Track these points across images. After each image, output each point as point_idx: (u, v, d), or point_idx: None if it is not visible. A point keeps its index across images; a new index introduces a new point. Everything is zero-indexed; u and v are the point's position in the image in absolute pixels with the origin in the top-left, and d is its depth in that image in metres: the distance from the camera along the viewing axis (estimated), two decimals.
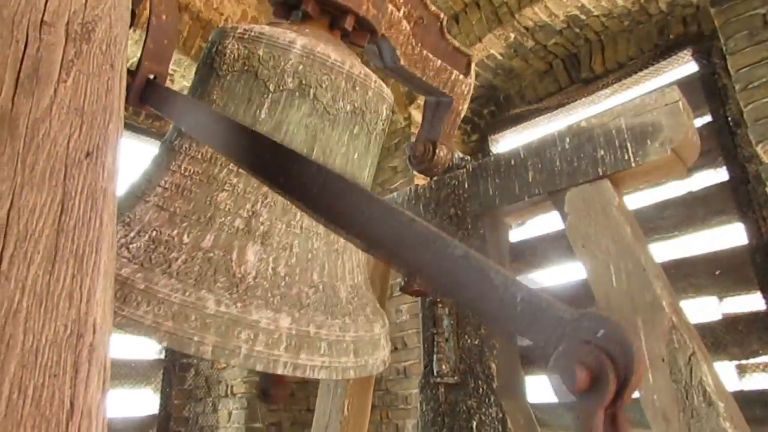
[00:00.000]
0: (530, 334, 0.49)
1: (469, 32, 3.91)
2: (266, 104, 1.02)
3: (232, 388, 3.94)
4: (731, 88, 2.60)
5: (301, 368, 0.81)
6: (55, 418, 0.37)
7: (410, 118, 4.19)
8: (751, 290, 2.76)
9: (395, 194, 1.88)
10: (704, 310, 3.04)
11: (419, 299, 1.65)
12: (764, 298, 2.68)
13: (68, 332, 0.39)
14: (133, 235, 0.85)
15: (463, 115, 1.62)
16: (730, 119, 2.84)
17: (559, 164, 1.41)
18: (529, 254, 3.71)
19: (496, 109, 4.45)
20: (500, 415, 1.36)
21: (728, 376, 2.95)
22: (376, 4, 1.21)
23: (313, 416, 1.89)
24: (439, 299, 1.56)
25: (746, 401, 2.43)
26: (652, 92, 1.33)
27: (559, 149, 1.42)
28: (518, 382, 1.50)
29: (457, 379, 1.46)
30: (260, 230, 0.91)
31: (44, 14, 0.44)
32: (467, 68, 1.57)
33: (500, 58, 4.03)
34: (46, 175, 0.42)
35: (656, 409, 1.12)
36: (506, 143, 4.38)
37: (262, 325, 0.79)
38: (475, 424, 1.40)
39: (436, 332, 1.53)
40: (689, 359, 1.10)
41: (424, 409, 1.53)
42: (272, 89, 1.02)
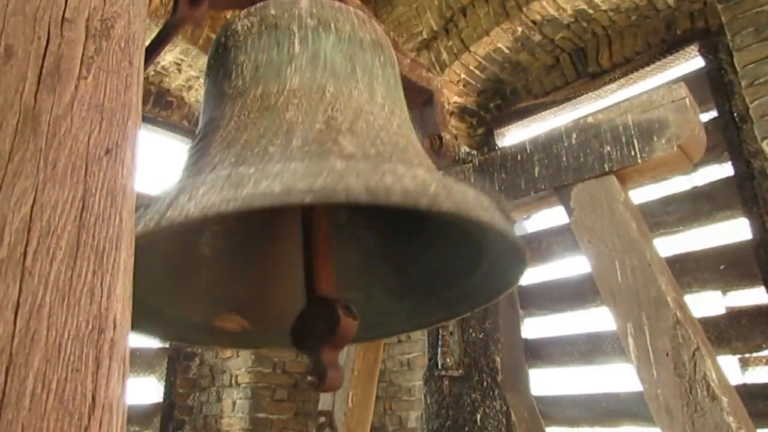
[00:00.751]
0: None
1: (476, 26, 3.89)
2: (296, 41, 1.01)
3: (236, 377, 3.97)
4: (737, 84, 2.59)
5: (461, 204, 0.74)
6: (77, 411, 0.38)
7: None
8: (755, 285, 2.76)
9: None
10: (708, 304, 3.05)
11: None
12: None
13: (90, 327, 0.40)
14: (208, 170, 0.80)
15: (444, 107, 1.64)
16: (735, 115, 2.83)
17: (565, 159, 1.42)
18: (534, 247, 3.72)
19: (502, 102, 4.44)
20: (504, 407, 1.37)
21: (731, 370, 2.95)
22: None
23: (317, 408, 1.91)
24: None
25: (749, 395, 2.44)
26: (659, 88, 1.33)
27: (565, 145, 1.43)
28: (522, 375, 1.51)
29: (461, 372, 1.47)
30: (343, 127, 0.88)
31: (65, 10, 0.44)
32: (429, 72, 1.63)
33: (507, 51, 4.01)
34: (67, 171, 0.43)
35: (660, 403, 1.13)
36: (512, 137, 4.37)
37: (400, 171, 0.71)
38: (479, 416, 1.41)
39: (440, 326, 1.55)
40: (693, 354, 1.11)
41: (428, 401, 1.55)
42: (296, 29, 1.02)
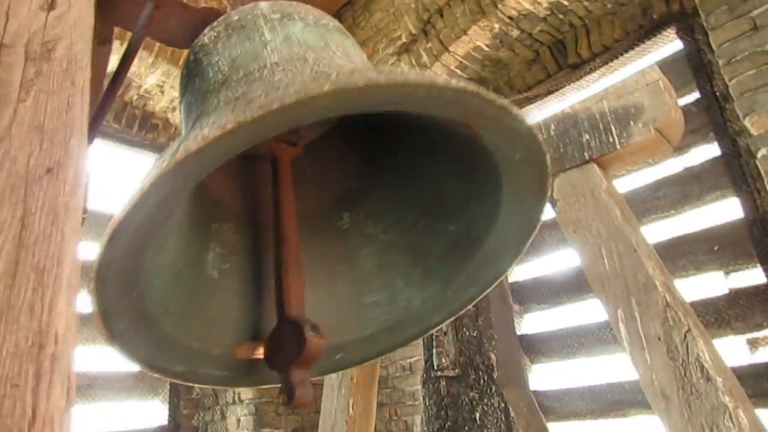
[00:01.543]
0: None
1: (453, 25, 3.90)
2: (266, 31, 1.01)
3: (239, 394, 3.94)
4: (716, 63, 2.61)
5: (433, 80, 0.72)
6: (17, 426, 0.38)
7: None
8: (751, 264, 2.76)
9: None
10: (711, 286, 3.04)
11: None
12: (765, 271, 2.68)
13: (29, 343, 0.40)
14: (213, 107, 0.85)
15: None
16: (718, 95, 2.84)
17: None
18: None
19: None
20: (502, 404, 1.36)
21: (738, 351, 2.94)
22: None
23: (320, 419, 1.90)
24: None
25: (756, 376, 2.43)
26: (633, 73, 1.33)
27: (544, 136, 1.43)
28: (519, 371, 1.51)
29: (457, 371, 1.46)
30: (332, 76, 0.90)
31: (3, 36, 0.44)
32: None
33: (487, 49, 4.03)
34: (6, 192, 0.43)
35: (655, 388, 1.13)
36: None
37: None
38: (478, 414, 1.40)
39: None
40: (685, 336, 1.11)
41: (427, 403, 1.54)
42: (263, 23, 1.02)
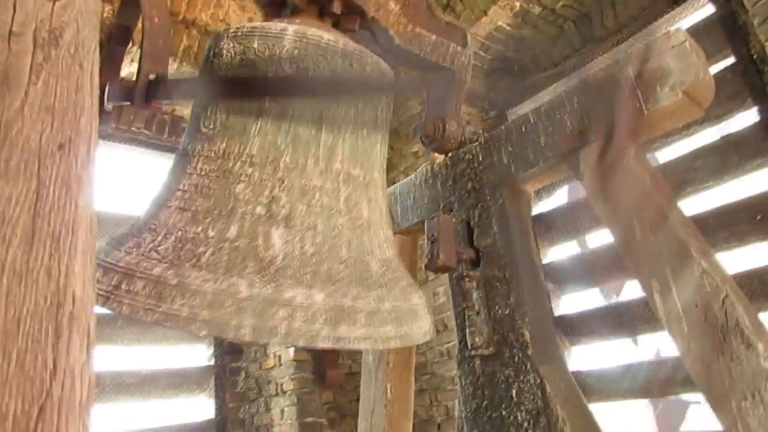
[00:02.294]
0: None
1: (473, 7, 3.85)
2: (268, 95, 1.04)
3: (281, 386, 4.02)
4: (751, 24, 2.50)
5: (343, 340, 0.81)
6: (38, 377, 0.42)
7: None
8: None
9: (412, 176, 1.88)
10: (750, 257, 2.94)
11: (448, 276, 1.65)
12: None
13: (48, 303, 0.44)
14: (160, 238, 0.89)
15: (467, 85, 1.60)
16: (755, 57, 2.72)
17: (569, 124, 1.39)
18: (560, 222, 3.65)
19: (512, 81, 4.38)
20: (538, 381, 1.35)
21: None
22: None
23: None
24: (466, 274, 1.55)
25: None
26: (658, 36, 1.29)
27: (568, 109, 1.40)
28: (554, 347, 1.49)
29: (491, 350, 1.46)
30: (282, 214, 0.93)
31: (12, 26, 0.48)
32: (463, 41, 1.57)
33: (509, 28, 3.96)
34: (20, 167, 0.47)
35: (694, 357, 1.10)
36: None
37: (297, 302, 0.80)
38: (514, 392, 1.39)
39: (465, 306, 1.54)
40: (723, 302, 1.07)
41: (463, 383, 1.54)
42: (271, 77, 1.04)
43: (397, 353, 1.84)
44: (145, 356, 3.87)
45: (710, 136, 3.05)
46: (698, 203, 3.08)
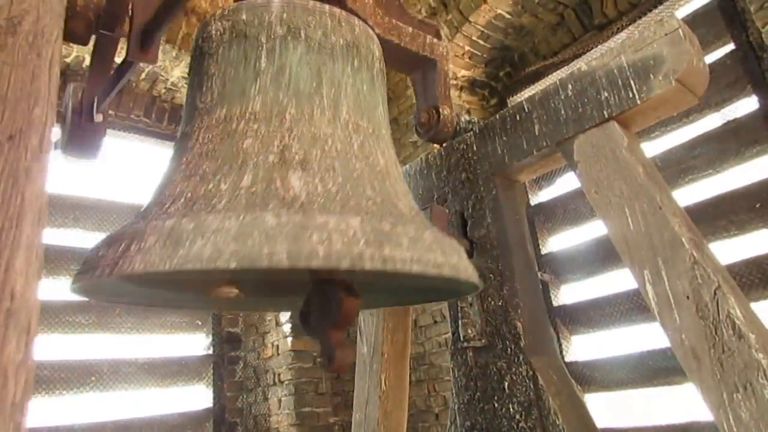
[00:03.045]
0: None
1: None
2: (263, 54, 1.02)
3: (279, 375, 4.04)
4: (749, 11, 2.46)
5: (390, 261, 0.74)
6: None
7: None
8: None
9: (407, 166, 1.86)
10: (749, 246, 2.92)
11: None
12: None
13: None
14: (168, 204, 0.84)
15: (449, 75, 1.60)
16: (753, 44, 2.69)
17: (564, 112, 1.37)
18: (560, 212, 3.64)
19: (511, 69, 4.34)
20: (530, 372, 1.34)
21: None
22: None
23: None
24: None
25: None
26: (651, 24, 1.27)
27: (562, 97, 1.38)
28: (547, 338, 1.48)
29: (484, 341, 1.45)
30: (296, 159, 0.88)
31: None
32: (437, 36, 1.58)
33: (508, 16, 3.92)
34: None
35: (686, 348, 1.09)
36: None
37: (331, 226, 0.73)
38: (506, 384, 1.39)
39: (459, 298, 1.53)
40: (714, 293, 1.06)
41: (456, 375, 1.54)
42: (264, 40, 1.02)
43: (392, 344, 1.83)
44: (143, 345, 3.89)
45: (707, 123, 3.03)
46: (697, 191, 3.07)
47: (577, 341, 3.60)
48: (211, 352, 4.18)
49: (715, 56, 2.88)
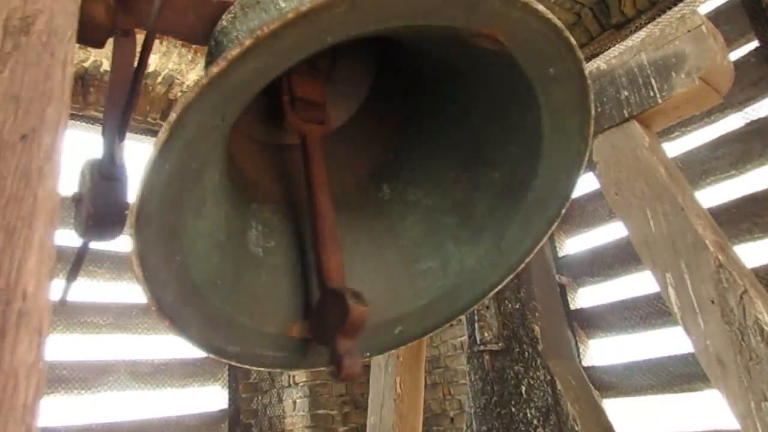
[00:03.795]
0: None
1: None
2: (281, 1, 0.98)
3: (294, 377, 4.04)
4: None
5: None
6: None
7: None
8: None
9: None
10: None
11: None
12: None
13: None
14: None
15: None
16: None
17: None
18: (577, 214, 3.59)
19: None
20: (548, 377, 1.32)
21: None
22: None
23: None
24: None
25: None
26: (673, 21, 1.24)
27: None
28: (565, 342, 1.45)
29: (501, 345, 1.43)
30: None
31: None
32: None
33: None
34: None
35: (710, 354, 1.06)
36: None
37: None
38: (524, 388, 1.36)
39: None
40: (741, 298, 1.03)
41: (472, 378, 1.51)
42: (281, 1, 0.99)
43: (407, 348, 1.82)
44: (159, 346, 3.91)
45: (731, 123, 2.96)
46: (719, 193, 3.00)
47: (594, 345, 3.55)
48: None
49: (738, 54, 2.82)
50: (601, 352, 3.53)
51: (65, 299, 1.03)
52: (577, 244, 3.70)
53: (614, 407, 3.27)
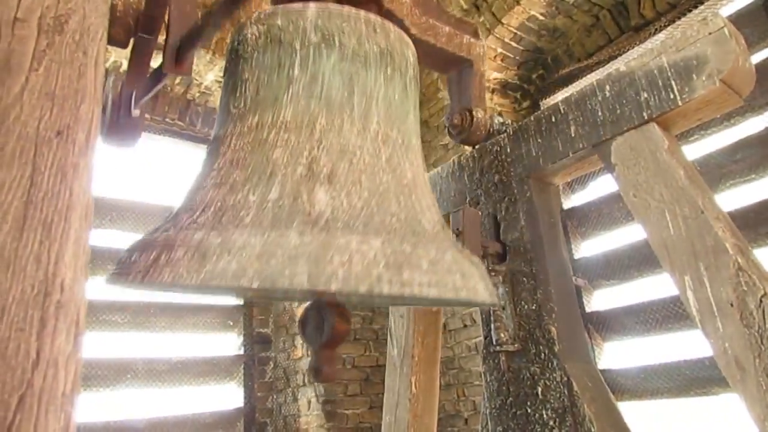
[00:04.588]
0: None
1: None
2: (297, 62, 1.02)
3: (309, 376, 4.06)
4: None
5: (408, 286, 0.75)
6: (20, 367, 0.41)
7: None
8: None
9: (438, 168, 1.85)
10: None
11: None
12: None
13: (35, 291, 0.43)
14: (198, 213, 0.86)
15: (485, 76, 1.59)
16: None
17: (601, 114, 1.35)
18: (594, 216, 3.57)
19: (544, 71, 4.29)
20: (565, 378, 1.32)
21: None
22: None
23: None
24: (491, 268, 1.53)
25: None
26: (694, 23, 1.24)
27: (599, 98, 1.36)
28: (581, 344, 1.45)
29: (517, 346, 1.43)
30: (324, 172, 0.89)
31: (17, 11, 0.49)
32: (475, 36, 1.56)
33: (542, 18, 3.87)
34: (16, 153, 0.47)
35: (729, 357, 1.06)
36: None
37: (353, 246, 0.75)
38: (540, 389, 1.36)
39: None
40: (761, 301, 1.02)
41: (488, 379, 1.52)
42: (298, 47, 1.03)
43: (423, 347, 1.83)
44: (176, 344, 3.96)
45: (750, 127, 2.93)
46: (739, 197, 2.97)
47: (609, 348, 3.53)
48: (242, 352, 4.24)
49: (759, 57, 2.79)
50: (616, 355, 3.51)
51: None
52: (592, 246, 3.68)
53: (630, 410, 3.25)
